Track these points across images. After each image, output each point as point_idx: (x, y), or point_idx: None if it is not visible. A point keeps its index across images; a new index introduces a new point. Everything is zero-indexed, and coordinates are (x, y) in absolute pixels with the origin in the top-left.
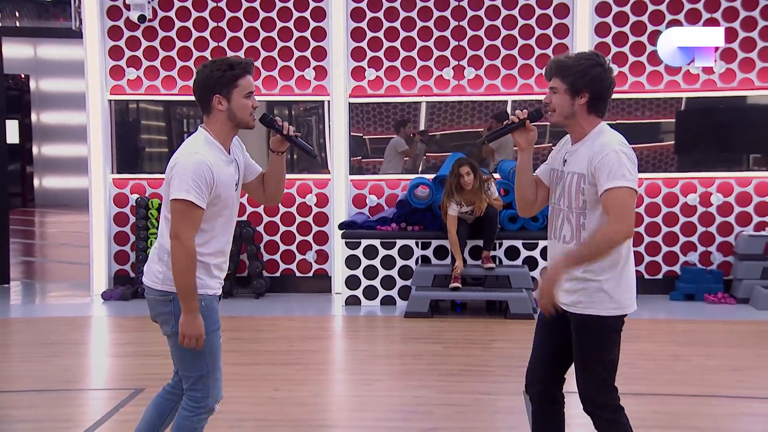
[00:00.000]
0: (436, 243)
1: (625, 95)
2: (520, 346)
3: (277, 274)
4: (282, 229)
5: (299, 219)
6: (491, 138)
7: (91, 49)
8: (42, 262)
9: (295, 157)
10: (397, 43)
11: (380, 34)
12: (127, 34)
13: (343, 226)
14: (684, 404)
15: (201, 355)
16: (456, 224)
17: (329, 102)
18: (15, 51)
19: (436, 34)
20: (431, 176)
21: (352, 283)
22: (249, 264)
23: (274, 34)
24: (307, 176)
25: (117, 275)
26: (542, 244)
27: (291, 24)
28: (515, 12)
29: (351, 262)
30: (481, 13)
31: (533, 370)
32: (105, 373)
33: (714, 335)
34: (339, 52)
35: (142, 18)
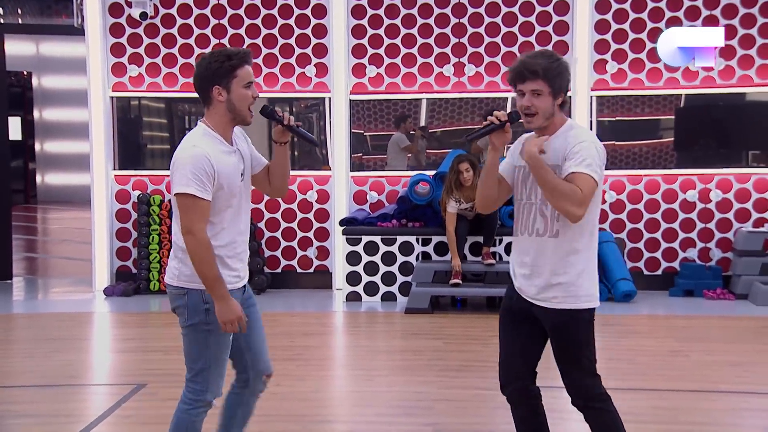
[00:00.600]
0: (436, 239)
1: (624, 92)
2: None
3: (278, 270)
4: (283, 225)
5: (300, 215)
6: (473, 137)
7: (93, 46)
8: (44, 258)
9: (296, 153)
10: (398, 40)
11: (381, 31)
12: (128, 31)
13: (344, 223)
14: (683, 399)
15: (206, 348)
16: (455, 222)
17: (330, 99)
18: (17, 48)
19: (437, 31)
20: (432, 173)
21: (352, 279)
22: (250, 260)
23: (275, 31)
24: (308, 173)
25: (119, 271)
26: None
27: (292, 21)
28: (515, 9)
29: (352, 258)
30: (482, 10)
31: (508, 369)
32: (107, 369)
33: (713, 331)
34: (340, 49)
35: (143, 15)
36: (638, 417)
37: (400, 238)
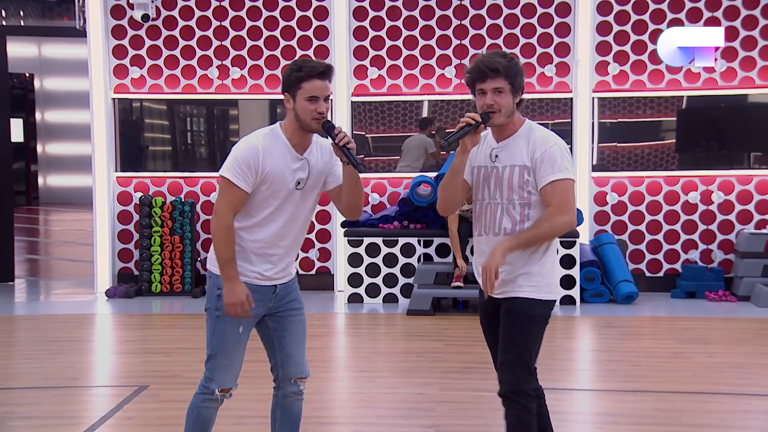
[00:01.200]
0: (438, 241)
1: (626, 94)
2: None
3: None
4: None
5: None
6: (453, 140)
7: (94, 47)
8: (46, 259)
9: None
10: (400, 42)
11: (382, 33)
12: (130, 33)
13: (346, 224)
14: (685, 401)
15: (214, 334)
16: (457, 222)
17: (332, 101)
18: (19, 50)
19: (438, 32)
20: (433, 174)
21: (354, 280)
22: None
23: (277, 33)
24: None
25: (121, 273)
26: None
27: (294, 23)
28: (517, 11)
29: (353, 259)
30: (483, 12)
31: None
32: (108, 371)
33: (715, 333)
34: (341, 51)
35: (145, 17)
36: (640, 419)
37: (402, 240)
